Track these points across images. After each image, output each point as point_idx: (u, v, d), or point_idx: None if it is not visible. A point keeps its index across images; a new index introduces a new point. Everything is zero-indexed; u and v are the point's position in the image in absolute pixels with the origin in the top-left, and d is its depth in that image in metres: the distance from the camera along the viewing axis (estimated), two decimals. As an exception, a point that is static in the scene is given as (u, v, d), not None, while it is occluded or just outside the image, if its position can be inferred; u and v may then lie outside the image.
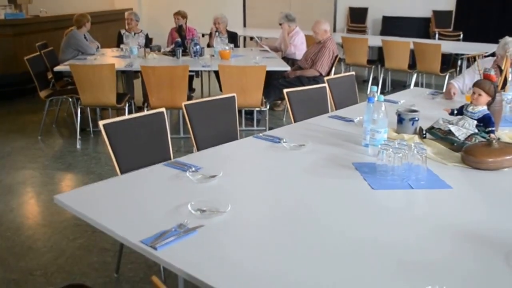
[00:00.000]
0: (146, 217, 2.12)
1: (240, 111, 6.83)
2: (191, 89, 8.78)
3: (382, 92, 8.97)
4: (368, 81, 9.57)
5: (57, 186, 5.17)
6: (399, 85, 9.52)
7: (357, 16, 11.93)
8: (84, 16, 7.69)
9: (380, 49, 9.34)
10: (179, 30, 8.27)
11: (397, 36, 9.75)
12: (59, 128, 7.22)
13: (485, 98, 3.10)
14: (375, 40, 9.50)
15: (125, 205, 2.27)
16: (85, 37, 7.76)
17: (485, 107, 3.12)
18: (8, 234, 4.13)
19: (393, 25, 11.18)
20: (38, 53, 7.10)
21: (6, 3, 9.99)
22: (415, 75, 8.88)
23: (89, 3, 12.33)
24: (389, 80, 9.79)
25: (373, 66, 9.48)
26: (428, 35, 11.02)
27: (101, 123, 3.02)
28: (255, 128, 6.93)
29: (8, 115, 7.85)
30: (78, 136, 6.42)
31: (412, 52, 8.64)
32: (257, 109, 6.48)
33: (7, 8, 9.52)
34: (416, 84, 8.88)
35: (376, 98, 3.02)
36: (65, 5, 11.36)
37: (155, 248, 1.84)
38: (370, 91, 3.12)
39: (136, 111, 6.80)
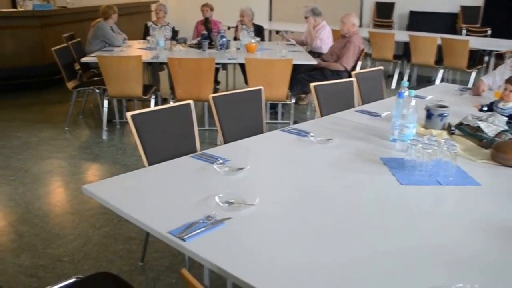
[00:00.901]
0: (174, 209, 2.13)
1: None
2: (216, 81, 8.78)
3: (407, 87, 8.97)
4: (393, 76, 9.51)
5: (84, 176, 5.22)
6: (424, 81, 9.46)
7: (384, 10, 11.85)
8: (111, 7, 7.73)
9: (406, 44, 9.31)
10: (205, 22, 8.29)
11: (424, 32, 9.65)
12: (85, 119, 7.27)
13: (516, 94, 3.07)
14: (401, 35, 9.42)
15: (152, 196, 2.28)
16: (111, 29, 7.79)
17: (517, 104, 3.09)
18: (36, 221, 4.19)
19: (419, 20, 11.08)
20: (65, 44, 7.16)
21: (34, -6, 10.10)
22: (441, 71, 8.81)
23: (117, -6, 12.40)
24: (414, 75, 9.70)
25: (399, 61, 9.44)
26: (455, 31, 10.90)
27: (128, 114, 3.03)
28: (279, 121, 6.93)
29: (36, 105, 7.93)
30: (105, 127, 6.48)
31: (439, 48, 8.57)
32: (282, 102, 6.47)
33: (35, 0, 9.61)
34: (441, 80, 8.78)
35: (406, 93, 2.99)
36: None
37: (184, 240, 1.84)
38: (401, 86, 3.09)
39: (162, 103, 6.83)
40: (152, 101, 6.38)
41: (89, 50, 7.37)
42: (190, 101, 3.41)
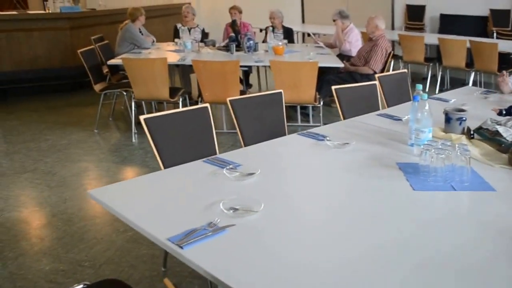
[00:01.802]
0: (178, 214, 2.12)
1: (295, 107, 6.87)
2: (248, 84, 8.81)
3: (441, 90, 8.97)
4: (427, 79, 9.42)
5: (111, 179, 5.24)
6: (458, 83, 9.31)
7: (415, 13, 11.80)
8: (138, 9, 7.80)
9: (438, 47, 9.22)
10: (233, 25, 8.31)
11: (455, 34, 9.58)
12: (115, 122, 7.35)
13: (537, 98, 3.00)
14: (431, 38, 9.39)
15: (158, 201, 2.28)
16: (140, 31, 7.87)
17: (536, 108, 3.02)
18: (59, 225, 4.23)
19: (450, 23, 11.02)
20: (92, 46, 7.23)
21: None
22: (472, 74, 8.73)
23: (149, -3, 12.53)
24: (447, 78, 9.65)
25: (431, 64, 9.36)
26: (486, 34, 10.79)
27: (141, 117, 3.05)
28: (310, 124, 6.90)
29: (66, 108, 8.05)
30: (134, 130, 6.52)
31: (470, 51, 8.50)
32: (311, 105, 6.43)
33: (66, 2, 9.72)
34: (474, 83, 8.71)
35: (420, 97, 2.94)
36: (124, -1, 11.57)
37: (181, 247, 1.82)
38: (416, 90, 3.04)
39: (192, 105, 6.84)
40: (180, 104, 6.39)
41: (118, 52, 7.46)
42: (207, 105, 3.41)
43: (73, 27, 9.10)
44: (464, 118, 3.16)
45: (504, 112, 3.22)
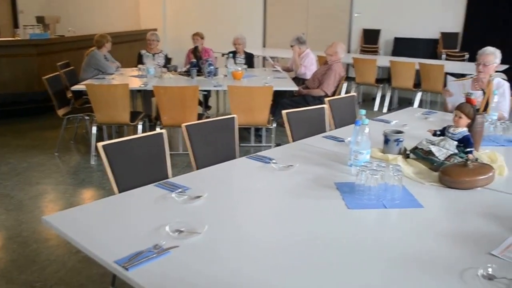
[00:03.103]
0: (126, 238, 2.21)
1: (249, 128, 7.10)
2: (207, 106, 9.01)
3: (389, 109, 9.34)
4: (375, 99, 9.94)
5: (67, 201, 5.36)
6: (406, 102, 9.83)
7: (370, 37, 12.38)
8: (104, 36, 7.99)
9: (389, 69, 9.67)
10: (195, 51, 8.53)
11: (408, 57, 10.18)
12: (76, 145, 7.48)
13: (465, 120, 3.25)
14: (384, 60, 9.86)
15: (108, 226, 2.36)
16: (105, 57, 8.04)
17: (465, 129, 3.26)
18: (14, 247, 4.34)
19: (404, 46, 11.62)
20: (58, 72, 7.38)
21: (35, 23, 10.33)
22: (419, 94, 9.23)
23: (116, 23, 12.75)
24: (395, 98, 10.21)
25: (381, 85, 9.89)
26: (436, 56, 11.36)
27: (99, 144, 3.18)
28: (263, 144, 7.22)
29: (30, 131, 8.15)
30: (93, 153, 6.63)
31: (419, 72, 9.02)
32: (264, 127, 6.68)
33: (35, 28, 9.84)
34: (421, 102, 9.25)
35: (361, 122, 3.16)
36: (92, 25, 11.76)
37: (127, 269, 1.92)
38: (359, 114, 3.26)
39: (151, 129, 7.02)
40: (139, 127, 6.56)
41: (83, 77, 7.60)
42: (163, 131, 3.57)
43: (41, 53, 9.26)
44: (401, 140, 3.39)
45: (438, 132, 3.45)
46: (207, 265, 2.00)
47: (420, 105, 9.17)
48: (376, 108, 9.69)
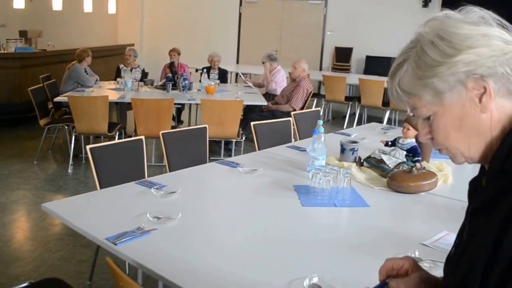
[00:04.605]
0: (114, 222, 2.61)
1: (219, 142, 7.45)
2: (179, 120, 9.37)
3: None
4: (345, 117, 10.20)
5: (46, 206, 5.69)
6: (375, 120, 10.00)
7: (342, 55, 12.47)
8: (85, 51, 8.38)
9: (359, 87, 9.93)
10: (171, 66, 8.91)
11: (379, 75, 10.26)
12: (54, 154, 7.79)
13: (412, 132, 3.65)
14: (354, 78, 10.13)
15: (98, 212, 2.80)
16: (85, 71, 8.42)
17: (413, 140, 3.66)
18: (-1, 245, 4.69)
19: (375, 64, 11.67)
20: (41, 84, 7.76)
21: (18, 37, 10.63)
22: (388, 112, 9.51)
23: (95, 38, 13.06)
24: (365, 116, 10.39)
25: (351, 103, 10.09)
26: (407, 75, 11.66)
27: (88, 147, 3.58)
28: (232, 157, 7.36)
29: (10, 140, 8.43)
30: (71, 162, 6.96)
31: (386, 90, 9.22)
32: (234, 140, 7.05)
33: (18, 42, 10.13)
34: (389, 121, 9.49)
35: (318, 130, 3.56)
36: (72, 39, 12.04)
37: (116, 244, 2.33)
38: (317, 124, 3.65)
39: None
40: (116, 138, 6.91)
41: (63, 90, 7.93)
42: (142, 137, 3.95)
43: (24, 66, 9.57)
44: (356, 149, 3.79)
45: (389, 143, 3.86)
46: (180, 245, 2.42)
47: (389, 123, 9.23)
48: (345, 126, 9.81)
